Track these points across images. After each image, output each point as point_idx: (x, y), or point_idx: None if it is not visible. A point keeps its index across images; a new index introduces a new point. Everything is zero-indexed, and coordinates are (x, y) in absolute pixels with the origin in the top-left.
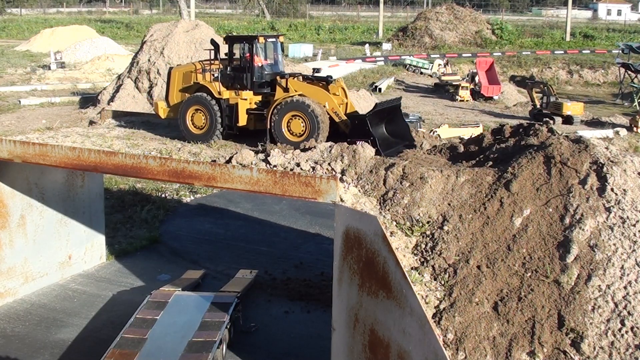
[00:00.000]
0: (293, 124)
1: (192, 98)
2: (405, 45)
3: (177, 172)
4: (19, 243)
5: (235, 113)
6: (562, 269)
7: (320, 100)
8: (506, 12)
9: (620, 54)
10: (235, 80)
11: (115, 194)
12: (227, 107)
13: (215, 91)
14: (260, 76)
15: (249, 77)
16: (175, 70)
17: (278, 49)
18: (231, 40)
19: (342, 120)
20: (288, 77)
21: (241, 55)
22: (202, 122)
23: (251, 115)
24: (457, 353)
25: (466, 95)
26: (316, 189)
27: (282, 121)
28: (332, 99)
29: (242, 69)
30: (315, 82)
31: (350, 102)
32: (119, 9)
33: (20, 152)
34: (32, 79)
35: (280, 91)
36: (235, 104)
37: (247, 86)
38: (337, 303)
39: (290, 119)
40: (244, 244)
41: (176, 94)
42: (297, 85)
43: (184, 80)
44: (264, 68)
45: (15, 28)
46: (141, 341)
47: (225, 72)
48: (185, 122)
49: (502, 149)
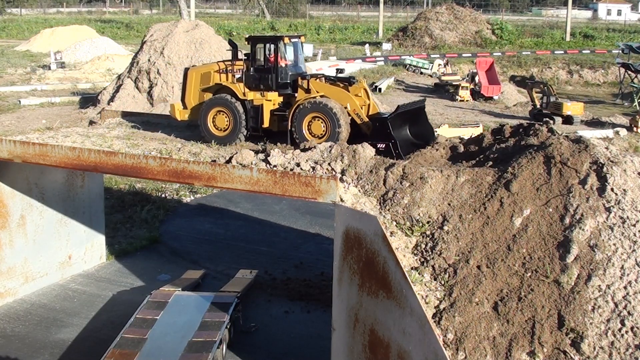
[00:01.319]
0: (314, 125)
1: (214, 99)
2: (405, 45)
3: (177, 172)
4: (19, 243)
5: (260, 114)
6: (562, 269)
7: (341, 101)
8: (506, 12)
9: (620, 54)
10: (259, 81)
11: (115, 194)
12: (251, 108)
13: (239, 92)
14: (284, 77)
15: (273, 78)
16: (192, 70)
17: (299, 49)
18: (254, 41)
19: (363, 122)
20: (310, 78)
21: (265, 55)
22: (224, 124)
23: (274, 117)
24: (457, 353)
25: (466, 95)
26: (316, 189)
27: (303, 122)
28: (354, 100)
29: (267, 69)
30: (337, 83)
31: (373, 104)
32: (119, 9)
33: (20, 152)
34: (32, 79)
35: (301, 92)
36: (259, 105)
37: (272, 87)
38: (337, 303)
39: (311, 120)
40: (244, 244)
41: (194, 95)
42: (319, 86)
43: (203, 81)
44: (287, 69)
45: (15, 28)
46: (141, 341)
47: (248, 72)
48: (206, 124)
49: (502, 149)
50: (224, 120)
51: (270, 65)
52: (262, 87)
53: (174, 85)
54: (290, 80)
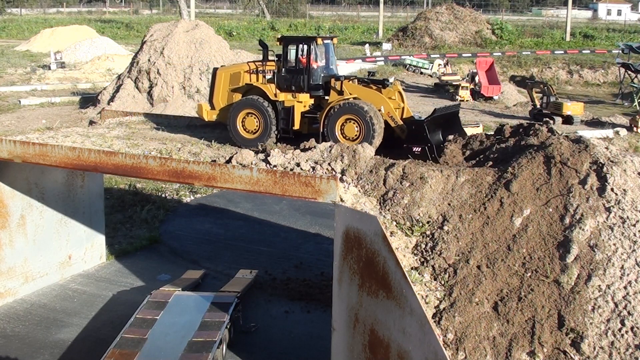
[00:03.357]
0: (347, 127)
1: (244, 101)
2: (405, 45)
3: (177, 172)
4: (19, 243)
5: (291, 116)
6: (562, 269)
7: (375, 103)
8: (506, 12)
9: (620, 54)
10: (291, 82)
11: (115, 194)
12: (282, 110)
13: (270, 93)
14: (316, 78)
15: (305, 79)
16: (221, 71)
17: (331, 50)
18: (286, 41)
19: (398, 125)
20: (343, 80)
21: (297, 56)
22: (254, 126)
23: (304, 119)
24: (457, 353)
25: (466, 95)
26: (316, 189)
27: (336, 125)
28: (388, 103)
29: (299, 70)
30: (370, 85)
31: (407, 107)
32: (119, 9)
33: (20, 152)
34: (32, 79)
35: (334, 94)
36: (291, 107)
37: (304, 88)
38: (337, 303)
39: (344, 123)
40: (244, 244)
41: (222, 95)
42: (352, 88)
43: (232, 82)
44: (319, 70)
45: (15, 28)
46: (141, 341)
47: (279, 73)
48: (235, 127)
49: (502, 149)
50: (254, 123)
51: (302, 66)
52: (293, 88)
53: (173, 85)
54: (322, 82)
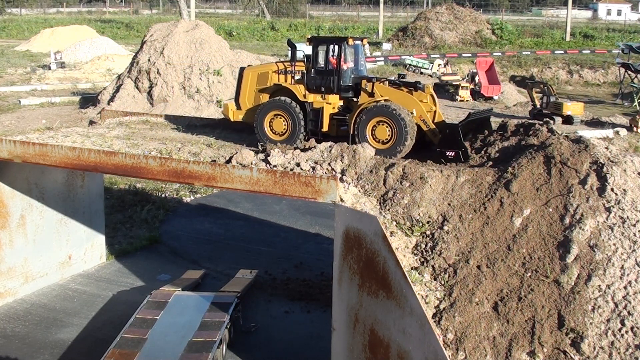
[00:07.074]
0: (378, 130)
1: (272, 102)
2: (405, 45)
3: (177, 172)
4: (19, 243)
5: (320, 118)
6: (562, 269)
7: (407, 106)
8: (506, 12)
9: (620, 54)
10: (320, 83)
11: (115, 194)
12: (311, 111)
13: (299, 94)
14: (346, 80)
15: (335, 81)
16: (248, 70)
17: (361, 51)
18: (316, 42)
19: (430, 128)
20: (375, 81)
21: (329, 57)
22: (282, 128)
23: (333, 120)
24: (457, 353)
25: (466, 95)
26: (316, 189)
27: (367, 127)
28: (421, 106)
29: (329, 71)
30: (402, 88)
31: (439, 111)
32: (119, 9)
33: (20, 152)
34: (32, 79)
35: (364, 96)
36: (320, 109)
37: (334, 90)
38: (337, 303)
39: (375, 125)
40: (244, 244)
41: (249, 95)
42: (384, 90)
43: (259, 82)
44: (349, 71)
45: (15, 28)
46: (141, 341)
47: (309, 74)
48: (262, 128)
49: (503, 149)
50: (282, 124)
51: (332, 67)
52: (323, 89)
53: (173, 85)
54: (352, 83)
